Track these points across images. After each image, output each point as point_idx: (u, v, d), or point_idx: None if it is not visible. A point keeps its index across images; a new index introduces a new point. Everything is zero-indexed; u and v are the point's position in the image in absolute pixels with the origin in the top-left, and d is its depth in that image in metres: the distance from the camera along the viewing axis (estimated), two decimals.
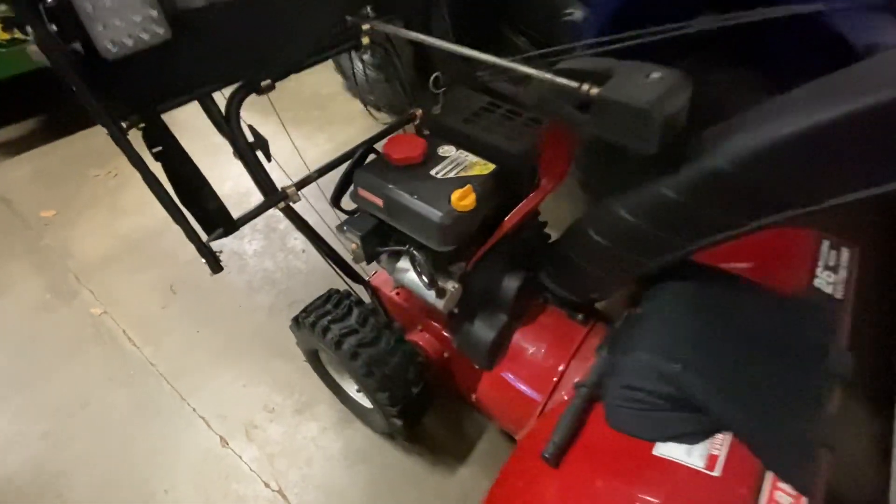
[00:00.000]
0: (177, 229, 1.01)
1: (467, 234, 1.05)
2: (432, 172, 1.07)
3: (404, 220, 1.04)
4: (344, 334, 1.17)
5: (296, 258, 2.04)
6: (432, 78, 1.19)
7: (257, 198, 1.14)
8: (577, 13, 2.08)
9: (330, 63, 2.98)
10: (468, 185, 0.98)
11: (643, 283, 1.07)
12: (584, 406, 0.94)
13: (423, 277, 1.09)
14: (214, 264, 1.07)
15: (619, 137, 0.82)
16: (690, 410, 0.79)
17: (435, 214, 0.97)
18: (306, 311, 1.27)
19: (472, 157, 1.11)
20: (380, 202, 1.07)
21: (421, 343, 1.35)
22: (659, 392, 0.81)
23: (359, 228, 1.09)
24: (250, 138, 1.10)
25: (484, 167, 1.07)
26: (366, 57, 2.88)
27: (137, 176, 0.88)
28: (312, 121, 2.68)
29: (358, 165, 1.14)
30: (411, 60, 1.70)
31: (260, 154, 1.14)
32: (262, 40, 1.02)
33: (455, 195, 0.98)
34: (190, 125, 1.21)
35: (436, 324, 1.33)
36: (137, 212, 2.28)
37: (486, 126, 1.16)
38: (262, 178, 1.14)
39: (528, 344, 1.20)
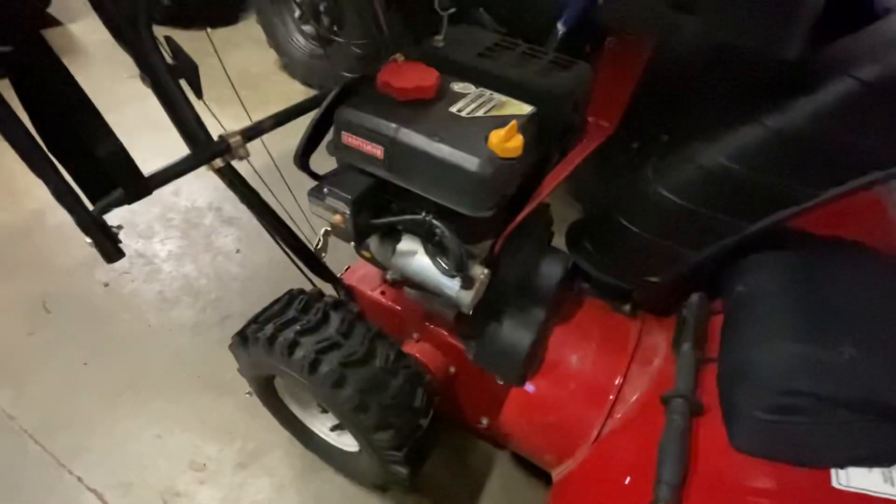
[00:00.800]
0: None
1: (509, 194, 0.75)
2: (453, 110, 0.76)
3: (419, 174, 0.71)
4: (322, 349, 0.80)
5: (227, 260, 1.58)
6: None
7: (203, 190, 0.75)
8: None
9: (261, 38, 2.55)
10: (512, 122, 0.68)
11: (721, 257, 0.84)
12: (689, 425, 0.67)
13: (443, 261, 0.76)
14: (110, 248, 0.67)
15: (744, 37, 0.58)
16: (880, 416, 0.55)
17: (471, 162, 0.66)
18: (258, 320, 0.88)
19: (500, 96, 0.81)
20: (377, 151, 0.73)
21: (419, 356, 1.01)
22: (826, 394, 0.56)
23: (347, 190, 0.73)
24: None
25: (520, 108, 0.78)
26: (306, 28, 2.50)
27: None
28: (241, 101, 2.23)
29: (338, 104, 0.79)
30: None
31: (187, 89, 0.76)
32: None
33: (495, 136, 0.68)
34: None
35: (440, 330, 1.00)
36: None
37: (509, 62, 0.87)
38: (188, 122, 0.75)
39: (569, 348, 0.92)
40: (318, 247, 1.21)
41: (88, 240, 0.64)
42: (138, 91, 0.72)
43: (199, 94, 0.78)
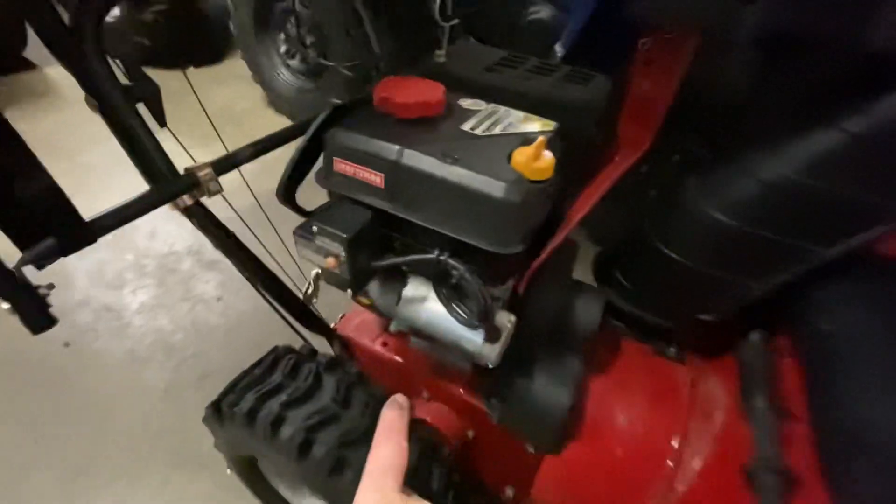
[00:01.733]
0: None
1: (538, 224, 0.62)
2: (465, 127, 0.64)
3: (430, 204, 0.58)
4: (314, 426, 0.65)
5: (207, 309, 1.42)
6: (437, 3, 0.79)
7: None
8: (544, 11, 1.88)
9: (247, 74, 2.48)
10: (540, 139, 0.56)
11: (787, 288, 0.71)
12: None
13: (461, 308, 0.62)
14: (34, 313, 0.51)
15: (820, 24, 0.48)
16: None
17: (495, 187, 0.53)
18: (236, 388, 0.72)
19: (516, 112, 0.70)
20: (377, 178, 0.60)
21: (430, 421, 0.85)
22: None
23: (340, 226, 0.60)
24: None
25: (542, 123, 0.67)
26: (292, 62, 2.44)
27: None
28: (225, 138, 2.12)
29: (328, 127, 0.66)
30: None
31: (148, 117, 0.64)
32: None
33: (521, 155, 0.56)
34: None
35: (455, 387, 0.85)
36: None
37: (520, 76, 0.77)
38: (147, 152, 0.62)
39: (613, 404, 0.77)
40: (308, 293, 1.06)
41: (5, 305, 0.49)
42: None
43: (161, 122, 0.66)
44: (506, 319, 0.65)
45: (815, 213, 0.61)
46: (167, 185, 0.63)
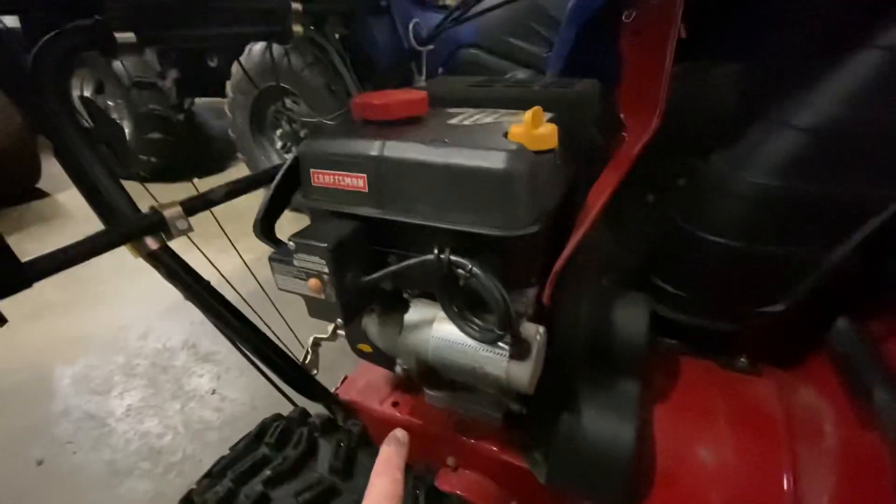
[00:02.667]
0: None
1: (551, 208, 0.52)
2: (452, 122, 0.58)
3: (422, 197, 0.50)
4: (308, 502, 0.49)
5: (201, 405, 1.27)
6: (411, 26, 0.78)
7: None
8: (521, 74, 1.97)
9: (245, 171, 2.56)
10: (536, 107, 0.50)
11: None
12: None
13: (477, 321, 0.50)
14: None
15: None
16: None
17: (494, 158, 0.45)
18: (213, 472, 0.58)
19: (504, 110, 0.65)
20: (360, 181, 0.53)
21: (462, 494, 0.67)
22: None
23: (321, 238, 0.51)
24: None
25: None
26: (288, 156, 2.52)
27: None
28: (224, 235, 2.12)
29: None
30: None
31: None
32: None
33: (519, 127, 0.49)
34: None
35: (487, 445, 0.68)
36: None
37: (506, 88, 0.74)
38: (104, 189, 0.56)
39: (691, 438, 0.60)
40: (307, 361, 0.94)
41: None
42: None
43: (123, 164, 0.61)
44: (534, 331, 0.52)
45: (868, 152, 0.51)
46: (126, 225, 0.55)
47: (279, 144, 2.39)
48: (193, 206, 0.61)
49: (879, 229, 0.53)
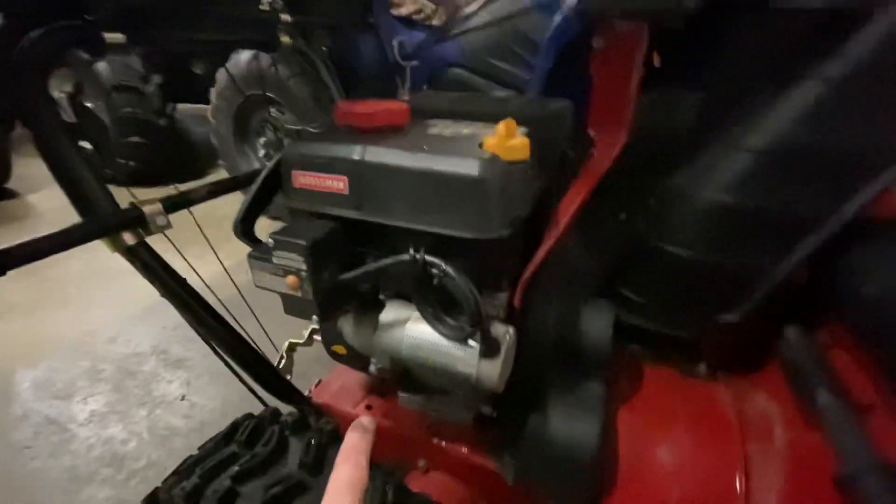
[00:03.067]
0: None
1: (522, 215, 0.55)
2: (431, 132, 0.61)
3: (400, 200, 0.52)
4: (275, 500, 0.49)
5: (168, 411, 1.24)
6: (396, 43, 0.82)
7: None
8: (501, 93, 2.03)
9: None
10: (509, 119, 0.53)
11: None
12: None
13: (449, 321, 0.52)
14: None
15: None
16: None
17: (469, 165, 0.48)
18: (180, 470, 0.57)
19: (481, 123, 0.68)
20: (340, 184, 0.55)
21: (431, 494, 0.68)
22: None
23: (301, 235, 0.52)
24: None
25: None
26: None
27: None
28: (204, 241, 2.08)
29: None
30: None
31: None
32: None
33: (492, 138, 0.52)
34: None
35: (457, 447, 0.70)
36: None
37: (484, 102, 0.78)
38: (83, 182, 0.56)
39: (652, 438, 0.63)
40: (281, 365, 0.94)
41: None
42: (86, 246, 0.56)
43: (106, 161, 0.62)
44: (503, 331, 0.54)
45: (809, 171, 0.56)
46: (104, 218, 0.56)
47: (262, 153, 2.39)
48: (174, 203, 0.62)
49: (824, 243, 0.58)
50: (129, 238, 0.58)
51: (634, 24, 0.62)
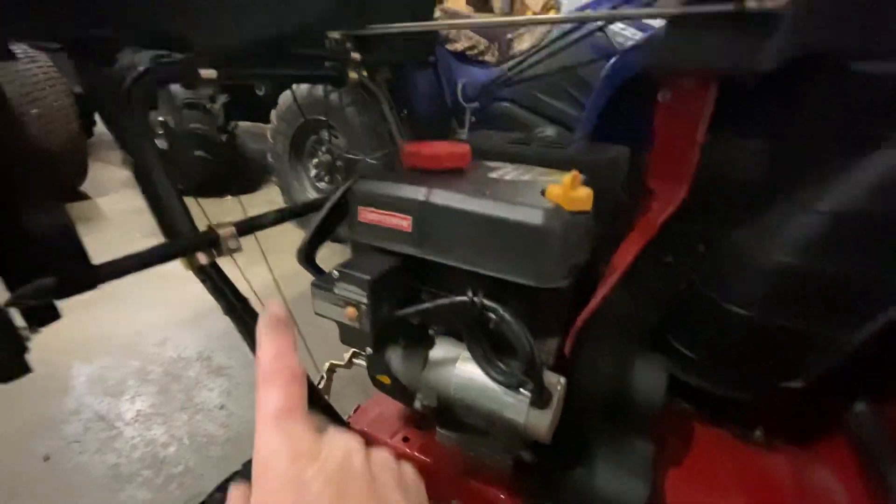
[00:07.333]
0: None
1: (581, 264, 0.56)
2: (493, 175, 0.63)
3: (461, 243, 0.54)
4: None
5: (208, 419, 1.28)
6: (461, 85, 0.85)
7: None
8: (549, 130, 2.06)
9: (277, 201, 2.67)
10: (574, 171, 0.54)
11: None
12: None
13: (500, 366, 0.53)
14: (8, 358, 0.44)
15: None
16: None
17: (533, 214, 0.49)
18: (225, 486, 0.59)
19: (541, 168, 0.69)
20: (404, 222, 0.57)
21: None
22: None
23: (364, 270, 0.55)
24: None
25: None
26: (320, 184, 2.64)
27: None
28: (247, 251, 2.17)
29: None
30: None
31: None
32: None
33: (556, 187, 0.53)
34: None
35: (494, 490, 0.69)
36: None
37: (543, 147, 0.79)
38: (171, 209, 0.61)
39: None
40: (321, 385, 0.96)
41: None
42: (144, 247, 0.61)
43: (189, 183, 0.67)
44: (555, 381, 0.54)
45: (885, 239, 0.54)
46: (184, 240, 0.60)
47: (313, 173, 2.50)
48: (245, 227, 0.66)
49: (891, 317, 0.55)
50: (202, 258, 0.62)
51: (703, 79, 0.62)
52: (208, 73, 0.67)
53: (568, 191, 0.52)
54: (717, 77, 0.61)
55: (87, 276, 0.50)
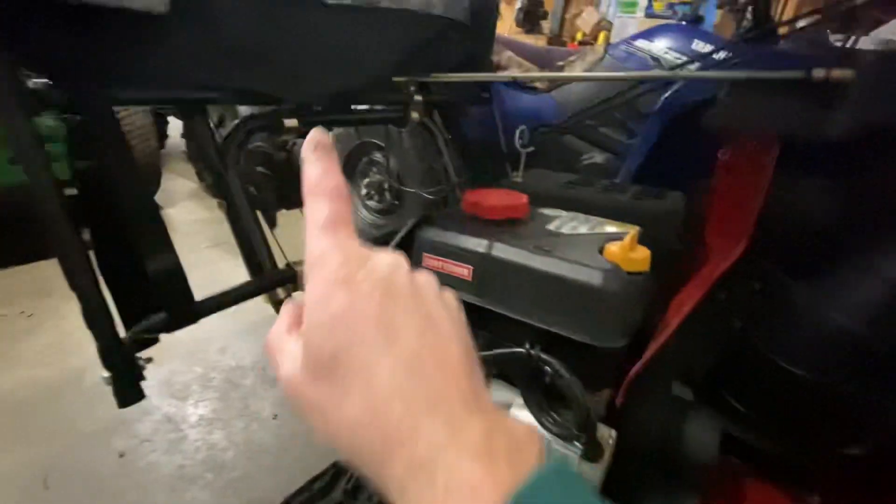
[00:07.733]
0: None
1: (637, 321, 0.57)
2: (550, 227, 0.66)
3: (519, 296, 0.57)
4: None
5: (262, 428, 1.37)
6: (518, 131, 0.89)
7: None
8: (598, 157, 2.05)
9: None
10: (632, 231, 0.56)
11: None
12: None
13: (554, 417, 0.55)
14: (128, 384, 0.52)
15: None
16: None
17: (593, 275, 0.52)
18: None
19: (596, 218, 0.72)
20: (465, 271, 0.61)
21: None
22: None
23: None
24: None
25: (625, 227, 0.67)
26: (370, 203, 2.75)
27: (56, 320, 0.43)
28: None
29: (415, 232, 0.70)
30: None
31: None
32: (287, 52, 0.70)
33: (615, 246, 0.55)
34: None
35: None
36: (38, 362, 1.60)
37: (596, 192, 0.81)
38: (257, 249, 0.68)
39: None
40: None
41: (105, 373, 0.50)
42: (212, 258, 0.69)
43: (272, 225, 0.74)
44: (607, 434, 0.56)
45: None
46: (267, 277, 0.67)
47: (363, 192, 2.61)
48: None
49: None
50: (281, 293, 0.69)
51: (766, 141, 0.63)
52: (291, 122, 0.74)
53: (627, 252, 0.54)
54: (779, 140, 0.62)
55: (191, 312, 0.57)
